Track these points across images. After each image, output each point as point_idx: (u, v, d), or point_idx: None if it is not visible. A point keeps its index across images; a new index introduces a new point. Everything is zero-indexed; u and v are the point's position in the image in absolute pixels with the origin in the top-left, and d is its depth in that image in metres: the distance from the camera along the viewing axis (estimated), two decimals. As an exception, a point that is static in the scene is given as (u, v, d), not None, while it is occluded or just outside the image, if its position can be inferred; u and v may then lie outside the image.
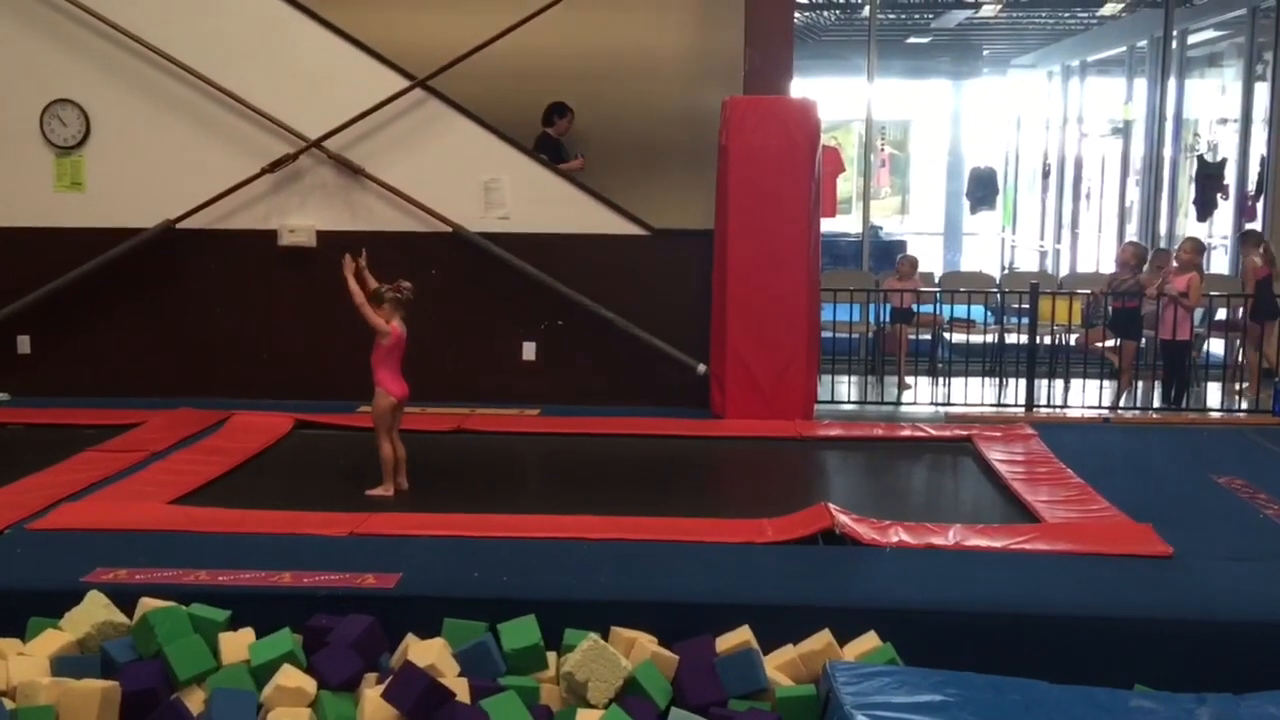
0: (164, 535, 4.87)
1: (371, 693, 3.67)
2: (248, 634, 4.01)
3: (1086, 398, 8.83)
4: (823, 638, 3.99)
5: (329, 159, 7.78)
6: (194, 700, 3.77)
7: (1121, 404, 8.58)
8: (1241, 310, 9.18)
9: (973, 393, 8.73)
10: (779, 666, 3.94)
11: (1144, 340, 9.06)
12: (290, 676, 3.77)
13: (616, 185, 8.03)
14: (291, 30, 7.76)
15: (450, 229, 7.80)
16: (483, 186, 7.87)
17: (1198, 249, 8.96)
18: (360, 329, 7.86)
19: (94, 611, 4.01)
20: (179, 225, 7.80)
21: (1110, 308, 8.85)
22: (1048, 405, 8.43)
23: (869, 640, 4.02)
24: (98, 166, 7.86)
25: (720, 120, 7.47)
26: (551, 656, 3.99)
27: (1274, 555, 4.76)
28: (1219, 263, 10.04)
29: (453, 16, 8.31)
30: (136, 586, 4.18)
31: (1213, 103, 12.49)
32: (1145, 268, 9.09)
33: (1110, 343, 8.98)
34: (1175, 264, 8.90)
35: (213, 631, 3.97)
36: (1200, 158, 11.72)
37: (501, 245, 7.77)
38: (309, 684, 3.78)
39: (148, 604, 4.00)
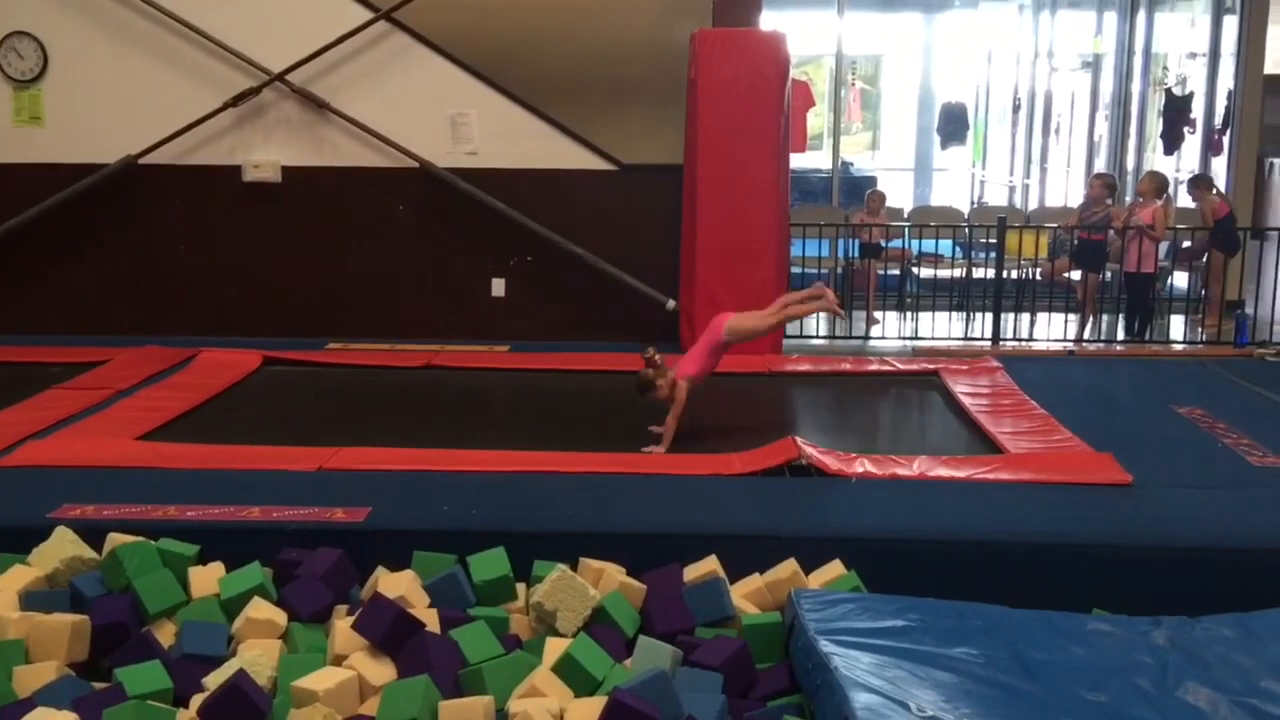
0: (131, 471, 4.85)
1: (342, 624, 3.70)
2: (217, 568, 4.02)
3: (1052, 331, 8.90)
4: (788, 566, 4.04)
5: (293, 93, 7.68)
6: (164, 633, 3.79)
7: (1086, 336, 8.65)
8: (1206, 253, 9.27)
9: (940, 327, 8.78)
10: (745, 595, 3.99)
11: (1109, 274, 9.14)
12: (261, 609, 3.79)
13: (585, 120, 7.96)
14: (252, -39, 7.63)
15: (417, 164, 7.74)
16: (450, 121, 7.79)
17: (1156, 181, 9.00)
18: (328, 264, 7.86)
19: (62, 547, 4.00)
20: (141, 161, 7.71)
21: (1076, 238, 8.90)
22: (1014, 338, 8.49)
23: (834, 568, 4.07)
24: (57, 100, 7.73)
25: (689, 53, 7.41)
26: (521, 587, 4.02)
27: (1231, 483, 4.85)
28: (1185, 196, 10.11)
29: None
30: (104, 522, 4.16)
31: (1181, 36, 12.45)
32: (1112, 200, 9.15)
33: (1074, 274, 9.05)
34: (1140, 198, 8.95)
35: (182, 566, 3.97)
36: (1168, 91, 11.72)
37: (469, 181, 7.72)
38: (279, 616, 3.80)
39: (116, 539, 3.99)
